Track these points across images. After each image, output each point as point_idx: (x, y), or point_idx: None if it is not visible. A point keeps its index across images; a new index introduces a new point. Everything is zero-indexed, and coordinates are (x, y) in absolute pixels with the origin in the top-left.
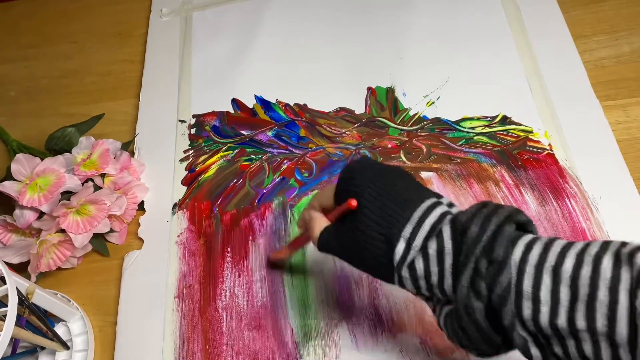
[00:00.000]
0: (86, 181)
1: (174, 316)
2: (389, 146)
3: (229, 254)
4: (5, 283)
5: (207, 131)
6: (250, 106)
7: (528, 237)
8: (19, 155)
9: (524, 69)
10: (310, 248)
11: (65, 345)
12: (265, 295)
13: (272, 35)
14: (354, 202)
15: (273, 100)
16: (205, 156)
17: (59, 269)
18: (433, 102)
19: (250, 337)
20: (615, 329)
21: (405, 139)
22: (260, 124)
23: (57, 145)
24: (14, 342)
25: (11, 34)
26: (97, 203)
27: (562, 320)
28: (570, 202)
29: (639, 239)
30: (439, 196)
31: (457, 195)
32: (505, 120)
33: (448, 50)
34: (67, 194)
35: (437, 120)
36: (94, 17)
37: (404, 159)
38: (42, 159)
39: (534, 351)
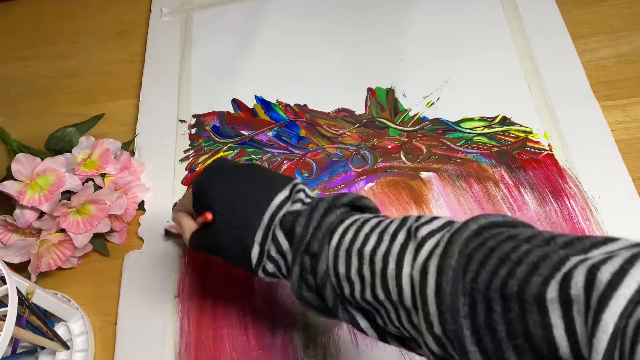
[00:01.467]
0: (86, 181)
1: (174, 316)
2: (389, 147)
3: None
4: (5, 283)
5: (208, 131)
6: (251, 106)
7: (348, 222)
8: (19, 155)
9: (523, 70)
10: None
11: (66, 345)
12: (266, 295)
13: (272, 36)
14: (209, 216)
15: (273, 101)
16: (206, 156)
17: (59, 268)
18: (433, 103)
19: (251, 337)
20: (403, 296)
21: (405, 139)
22: (260, 124)
23: (58, 145)
24: (14, 342)
25: (11, 34)
26: (97, 203)
27: (368, 295)
28: (570, 203)
29: (638, 239)
30: (290, 183)
31: (457, 196)
32: (504, 120)
33: (448, 51)
34: (68, 194)
35: (437, 121)
36: (94, 17)
37: (404, 159)
38: (42, 159)
39: (363, 323)
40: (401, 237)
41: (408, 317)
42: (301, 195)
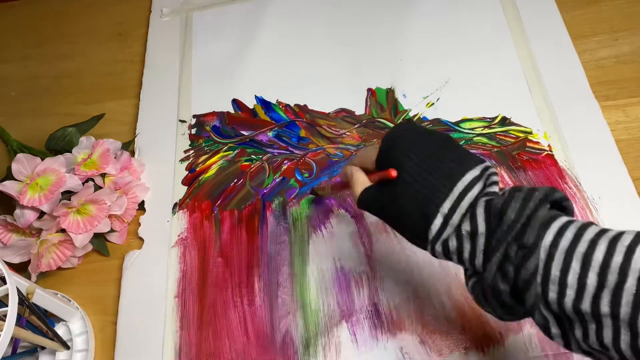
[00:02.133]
0: (86, 181)
1: (174, 316)
2: None
3: (229, 254)
4: (5, 283)
5: (208, 131)
6: (251, 106)
7: (562, 220)
8: (20, 155)
9: (523, 70)
10: (312, 252)
11: (66, 345)
12: (266, 295)
13: (272, 36)
14: (394, 173)
15: (273, 101)
16: (206, 156)
17: (60, 268)
18: (433, 103)
19: (251, 337)
20: (638, 316)
21: None
22: (260, 125)
23: (58, 145)
24: (14, 342)
25: (11, 34)
26: (97, 203)
27: (585, 305)
28: None
29: None
30: (482, 164)
31: None
32: (504, 121)
33: (447, 52)
34: (68, 194)
35: (437, 121)
36: (94, 17)
37: None
38: (42, 159)
39: (554, 330)
40: None
41: (632, 340)
42: (496, 178)
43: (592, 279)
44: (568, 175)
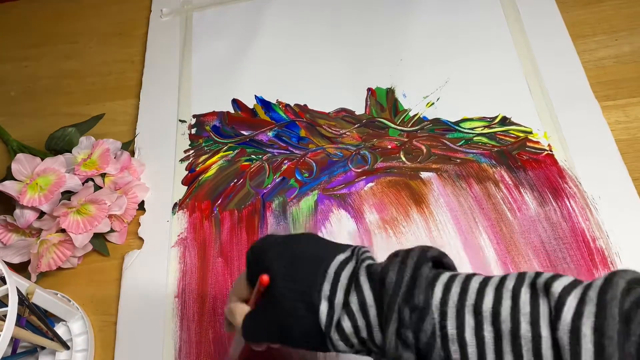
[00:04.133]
0: (86, 181)
1: (174, 316)
2: (389, 147)
3: (229, 254)
4: (5, 283)
5: (208, 131)
6: (251, 106)
7: (445, 276)
8: (20, 155)
9: (523, 70)
10: None
11: (66, 345)
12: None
13: (272, 36)
14: (265, 278)
15: (273, 101)
16: (206, 156)
17: (59, 268)
18: (433, 103)
19: None
20: None
21: (405, 139)
22: (260, 124)
23: (58, 145)
24: (14, 342)
25: (11, 34)
26: (97, 203)
27: None
28: (570, 203)
29: (638, 239)
30: (350, 248)
31: (457, 196)
32: (504, 120)
33: (447, 51)
34: (68, 194)
35: (437, 121)
36: (94, 17)
37: (404, 159)
38: (42, 159)
39: None
40: (525, 293)
41: None
42: (368, 254)
43: (488, 331)
44: (568, 175)
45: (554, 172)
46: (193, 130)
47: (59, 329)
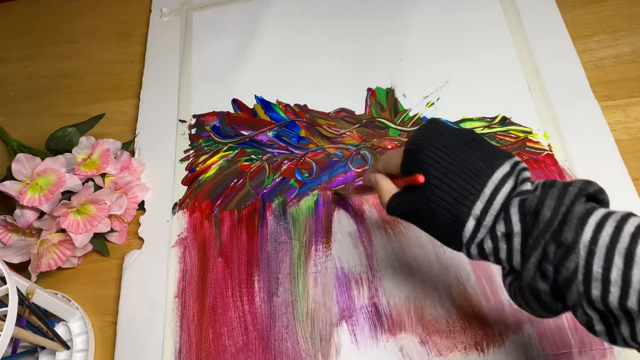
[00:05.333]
0: (86, 181)
1: (174, 316)
2: (389, 147)
3: (229, 254)
4: (5, 283)
5: (208, 131)
6: (251, 106)
7: (599, 214)
8: (20, 155)
9: (523, 70)
10: (312, 252)
11: (66, 345)
12: (266, 294)
13: (272, 36)
14: (421, 178)
15: (273, 101)
16: (206, 156)
17: (59, 268)
18: (433, 103)
19: (251, 336)
20: None
21: (406, 139)
22: (260, 124)
23: (58, 145)
24: (14, 342)
25: (11, 34)
26: (97, 203)
27: (632, 302)
28: None
29: None
30: (511, 159)
31: None
32: (504, 121)
33: (447, 52)
34: (68, 194)
35: None
36: (94, 17)
37: None
38: (42, 159)
39: (599, 327)
40: None
41: None
42: (527, 174)
43: (637, 275)
44: (568, 175)
45: (554, 172)
46: (193, 130)
47: (59, 329)
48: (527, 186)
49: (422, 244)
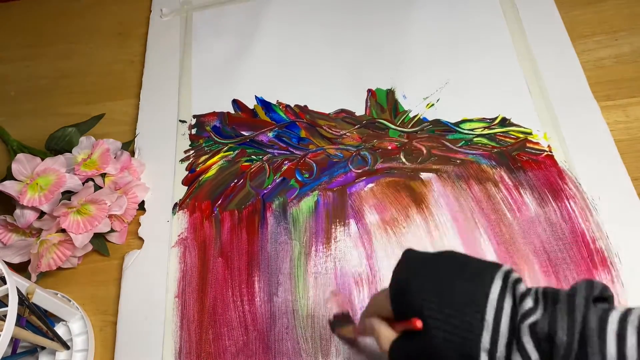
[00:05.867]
0: (87, 181)
1: (174, 316)
2: (389, 148)
3: (229, 254)
4: (5, 283)
5: (208, 131)
6: (251, 107)
7: (614, 322)
8: (20, 155)
9: (522, 71)
10: (312, 252)
11: (66, 345)
12: (266, 295)
13: (272, 36)
14: (418, 324)
15: (274, 101)
16: (206, 156)
17: (59, 268)
18: (433, 104)
19: (251, 336)
20: None
21: (405, 140)
22: (260, 125)
23: (58, 145)
24: (14, 342)
25: (11, 34)
26: (97, 203)
27: None
28: (570, 203)
29: (638, 239)
30: (499, 271)
31: (456, 197)
32: (504, 121)
33: (447, 53)
34: (68, 194)
35: (437, 122)
36: (94, 17)
37: (404, 160)
38: (42, 159)
39: None
40: None
41: None
42: (523, 287)
43: None
44: (568, 176)
45: (554, 172)
46: (193, 131)
47: (59, 329)
48: (529, 303)
49: (422, 244)
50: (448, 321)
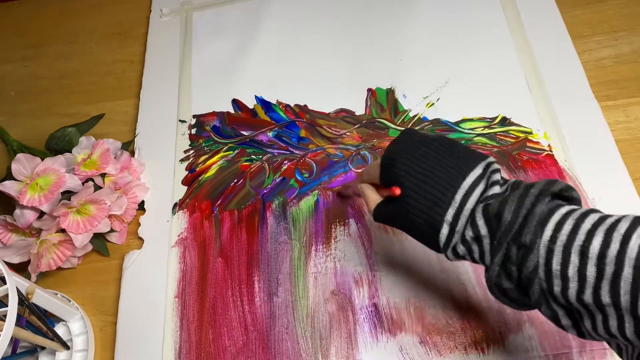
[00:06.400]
0: (86, 181)
1: (174, 316)
2: None
3: (229, 254)
4: (5, 283)
5: (208, 131)
6: (251, 107)
7: (560, 213)
8: (20, 155)
9: (523, 70)
10: (312, 252)
11: (66, 345)
12: (266, 294)
13: (272, 36)
14: (397, 191)
15: (273, 101)
16: (206, 156)
17: (59, 268)
18: (433, 104)
19: (251, 336)
20: (637, 304)
21: None
22: (260, 125)
23: (58, 145)
24: (14, 342)
25: (11, 34)
26: (97, 203)
27: (587, 296)
28: None
29: None
30: (483, 161)
31: None
32: (504, 121)
33: (447, 52)
34: (68, 194)
35: (437, 122)
36: (94, 17)
37: None
38: (42, 159)
39: (565, 321)
40: (636, 239)
41: (637, 327)
42: (497, 176)
43: (591, 271)
44: (568, 176)
45: (554, 172)
46: (193, 131)
47: (59, 329)
48: (496, 189)
49: (422, 244)
50: (424, 194)
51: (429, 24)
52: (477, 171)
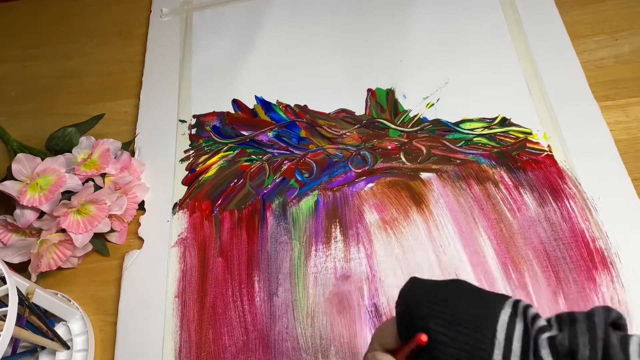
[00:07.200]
0: (87, 181)
1: (174, 316)
2: (389, 147)
3: (229, 254)
4: (5, 283)
5: (208, 131)
6: (251, 107)
7: (635, 343)
8: (20, 155)
9: (522, 71)
10: (312, 252)
11: (66, 345)
12: (266, 294)
13: (272, 36)
14: (424, 338)
15: (273, 101)
16: (206, 156)
17: (60, 268)
18: (433, 104)
19: (251, 336)
20: None
21: (405, 140)
22: (260, 125)
23: (58, 145)
24: (14, 342)
25: (11, 34)
26: (97, 203)
27: None
28: (569, 203)
29: (638, 239)
30: (509, 300)
31: (456, 196)
32: (504, 121)
33: (447, 53)
34: (68, 194)
35: (437, 122)
36: (94, 17)
37: (404, 160)
38: (42, 159)
39: None
40: None
41: None
42: (533, 310)
43: None
44: (568, 176)
45: (554, 172)
46: (193, 131)
47: (59, 329)
48: (542, 322)
49: (422, 244)
50: (456, 337)
51: (429, 24)
52: (507, 309)
